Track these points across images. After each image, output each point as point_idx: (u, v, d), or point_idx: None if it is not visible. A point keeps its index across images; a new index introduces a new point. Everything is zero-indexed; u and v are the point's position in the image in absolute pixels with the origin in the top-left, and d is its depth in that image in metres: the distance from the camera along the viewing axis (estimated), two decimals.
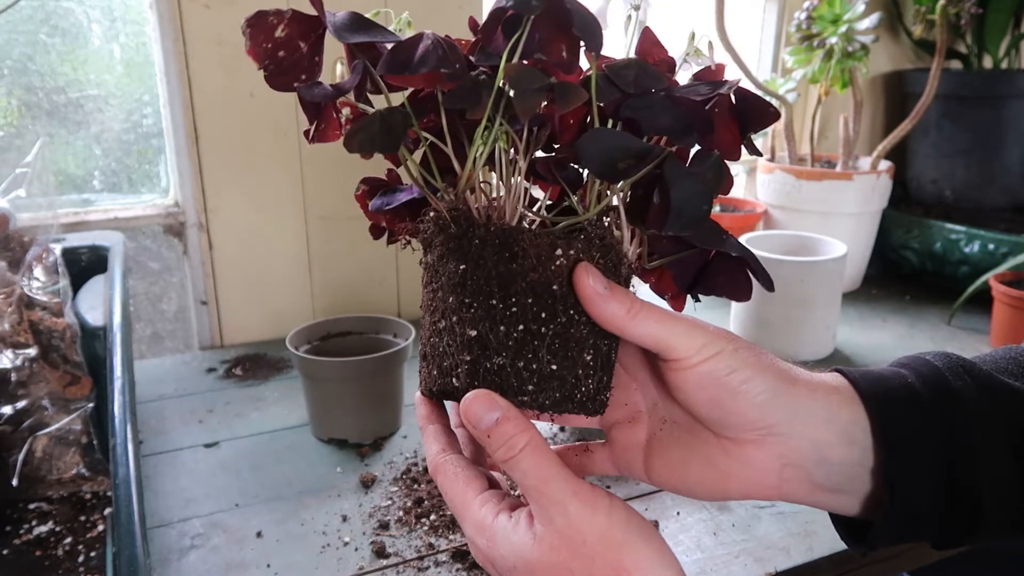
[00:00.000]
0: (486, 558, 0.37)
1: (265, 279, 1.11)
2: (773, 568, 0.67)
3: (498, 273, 0.37)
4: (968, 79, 1.48)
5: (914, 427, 0.37)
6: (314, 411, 0.86)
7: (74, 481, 0.72)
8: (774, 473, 0.38)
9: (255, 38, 0.37)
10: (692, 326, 0.37)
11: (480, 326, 0.37)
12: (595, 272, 0.37)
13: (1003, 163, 1.47)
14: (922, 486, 0.37)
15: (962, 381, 0.38)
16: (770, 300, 1.07)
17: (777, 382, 0.37)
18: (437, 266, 0.39)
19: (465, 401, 0.36)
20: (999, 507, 0.37)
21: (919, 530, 0.39)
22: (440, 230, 0.39)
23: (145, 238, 1.08)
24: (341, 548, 0.69)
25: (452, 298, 0.38)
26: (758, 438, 0.38)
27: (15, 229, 0.76)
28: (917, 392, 0.38)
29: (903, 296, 1.36)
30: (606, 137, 0.35)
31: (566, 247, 0.37)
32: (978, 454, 0.37)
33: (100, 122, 1.02)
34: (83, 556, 0.64)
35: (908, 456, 0.37)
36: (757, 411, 0.37)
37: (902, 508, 0.37)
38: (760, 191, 1.40)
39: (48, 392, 0.71)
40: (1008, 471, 0.37)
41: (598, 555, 0.34)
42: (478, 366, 0.37)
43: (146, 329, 1.13)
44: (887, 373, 0.40)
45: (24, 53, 0.96)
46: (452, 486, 0.38)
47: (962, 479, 0.37)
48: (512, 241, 0.37)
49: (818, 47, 1.28)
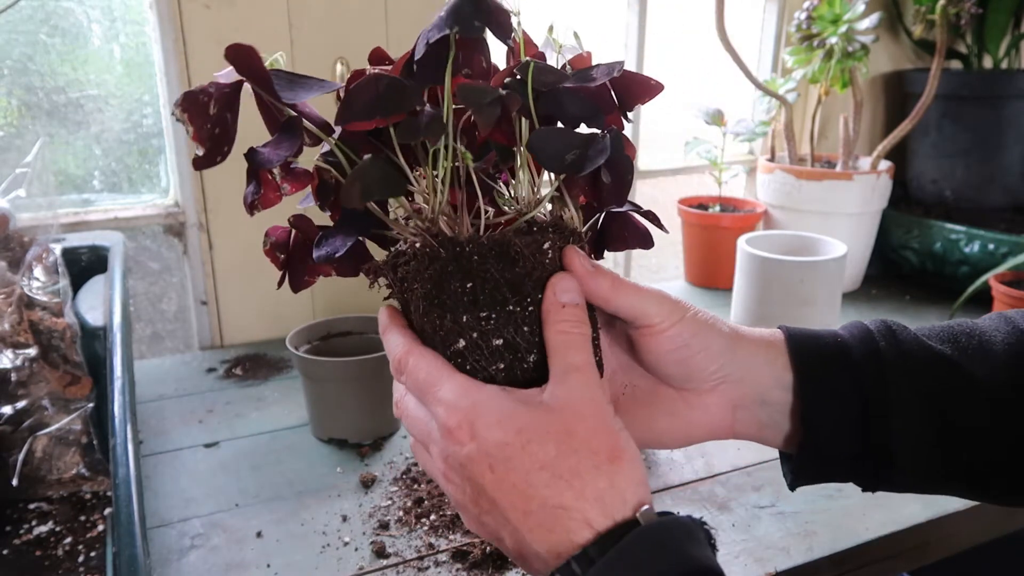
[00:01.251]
0: (461, 415, 0.37)
1: (265, 279, 1.11)
2: (773, 568, 0.67)
3: (506, 280, 0.38)
4: (968, 79, 1.48)
5: (831, 378, 0.43)
6: (314, 411, 0.86)
7: (74, 481, 0.72)
8: (728, 415, 0.45)
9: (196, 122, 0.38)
10: (661, 297, 0.43)
11: (505, 333, 0.39)
12: (581, 253, 0.41)
13: (1003, 163, 1.47)
14: (833, 429, 0.43)
15: (886, 342, 0.43)
16: (770, 300, 1.07)
17: (729, 339, 0.43)
18: (436, 293, 0.39)
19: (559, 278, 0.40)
20: (910, 457, 0.42)
21: (833, 469, 0.44)
22: (430, 260, 0.39)
23: (145, 238, 1.08)
24: (341, 548, 0.69)
25: (467, 317, 0.39)
26: (714, 386, 0.44)
27: (15, 229, 0.76)
28: (845, 349, 0.44)
29: (903, 296, 1.36)
30: (550, 135, 0.39)
31: (549, 241, 0.40)
32: (891, 406, 0.42)
33: (100, 122, 1.02)
34: (83, 556, 0.64)
35: (822, 402, 0.43)
36: (715, 363, 0.43)
37: (814, 448, 0.43)
38: (760, 191, 1.40)
39: (48, 392, 0.71)
40: (920, 424, 0.42)
41: (598, 432, 0.37)
42: (514, 369, 0.39)
43: (146, 329, 1.13)
44: (823, 332, 0.45)
45: (24, 53, 0.96)
46: (428, 362, 0.39)
47: (874, 427, 0.42)
48: (508, 248, 0.38)
49: (818, 47, 1.28)
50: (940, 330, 0.45)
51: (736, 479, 0.80)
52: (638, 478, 0.37)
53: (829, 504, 0.76)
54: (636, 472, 0.37)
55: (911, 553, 0.74)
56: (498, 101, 0.37)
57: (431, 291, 0.39)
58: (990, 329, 0.45)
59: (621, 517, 0.35)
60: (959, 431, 0.42)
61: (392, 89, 0.37)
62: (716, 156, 1.39)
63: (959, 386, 0.42)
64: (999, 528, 0.81)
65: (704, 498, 0.77)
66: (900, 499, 0.76)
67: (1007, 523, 0.82)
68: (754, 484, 0.79)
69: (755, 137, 1.39)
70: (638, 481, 0.37)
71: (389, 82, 0.37)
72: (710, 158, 1.39)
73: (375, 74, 0.38)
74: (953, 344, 0.44)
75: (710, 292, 1.38)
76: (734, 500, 0.77)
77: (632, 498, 0.36)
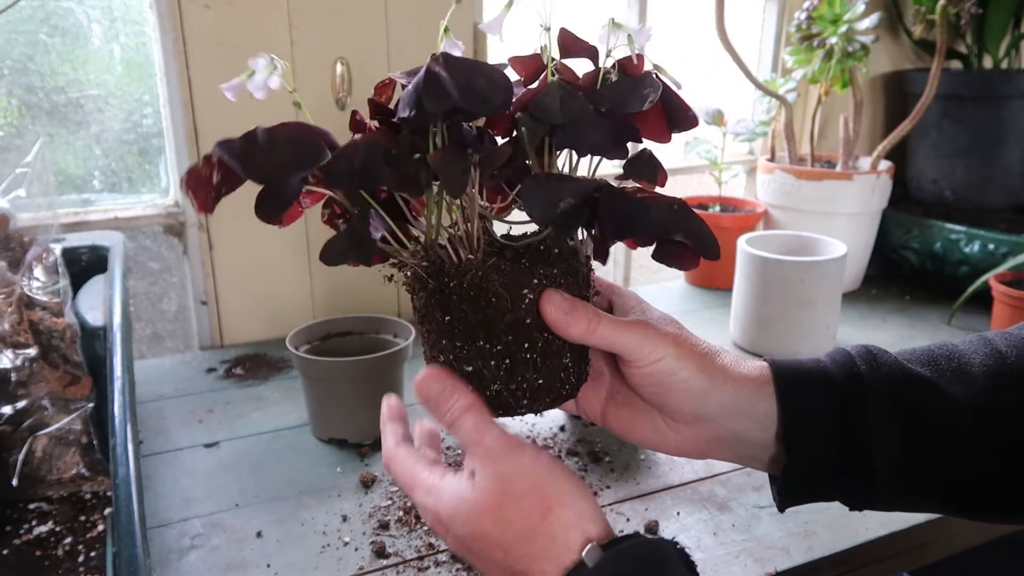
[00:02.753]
0: (434, 514, 0.42)
1: (265, 279, 1.11)
2: (773, 568, 0.67)
3: (478, 321, 0.42)
4: (968, 79, 1.48)
5: (814, 402, 0.44)
6: (314, 411, 0.86)
7: (74, 481, 0.72)
8: (703, 444, 0.46)
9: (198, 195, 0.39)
10: (642, 333, 0.43)
11: (474, 363, 0.43)
12: (556, 299, 0.42)
13: (1003, 163, 1.47)
14: (816, 451, 0.44)
15: (867, 366, 0.44)
16: (770, 300, 1.07)
17: (709, 381, 0.44)
18: (425, 312, 0.44)
19: (419, 378, 0.43)
20: (890, 475, 0.43)
21: (818, 490, 0.46)
22: (420, 286, 0.43)
23: (145, 238, 1.08)
24: (341, 548, 0.69)
25: (445, 340, 0.43)
26: (691, 422, 0.45)
27: (15, 229, 0.76)
28: (827, 375, 0.45)
29: (903, 296, 1.36)
30: (543, 185, 0.39)
31: (532, 282, 0.41)
32: (871, 428, 0.43)
33: (100, 122, 1.02)
34: (83, 556, 0.64)
35: (804, 426, 0.44)
36: (690, 405, 0.44)
37: (798, 470, 0.44)
38: (760, 191, 1.40)
39: (48, 392, 0.71)
40: (899, 444, 0.43)
41: (526, 493, 0.40)
42: (479, 393, 0.43)
43: (146, 329, 1.13)
44: (806, 361, 0.46)
45: (24, 53, 0.96)
46: (403, 465, 0.44)
47: (855, 448, 0.43)
48: (485, 290, 0.41)
49: (818, 47, 1.28)
50: (921, 353, 0.47)
51: (736, 479, 0.80)
52: (576, 517, 0.39)
53: (829, 504, 0.75)
54: (573, 511, 0.40)
55: (911, 553, 0.74)
56: (468, 169, 0.38)
57: (421, 309, 0.44)
58: (969, 351, 0.46)
59: (569, 561, 0.38)
60: (938, 450, 0.43)
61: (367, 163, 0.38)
62: (716, 156, 1.39)
63: (937, 406, 0.43)
64: (999, 528, 0.81)
65: (704, 498, 0.77)
66: None
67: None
68: (754, 484, 0.79)
69: (755, 137, 1.39)
70: (577, 518, 0.39)
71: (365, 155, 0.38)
72: (710, 158, 1.39)
73: (353, 143, 0.39)
74: (932, 367, 0.45)
75: (710, 292, 1.38)
76: (734, 500, 0.77)
77: (575, 540, 0.39)
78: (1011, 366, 0.44)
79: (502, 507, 0.40)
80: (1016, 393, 0.43)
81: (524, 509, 0.39)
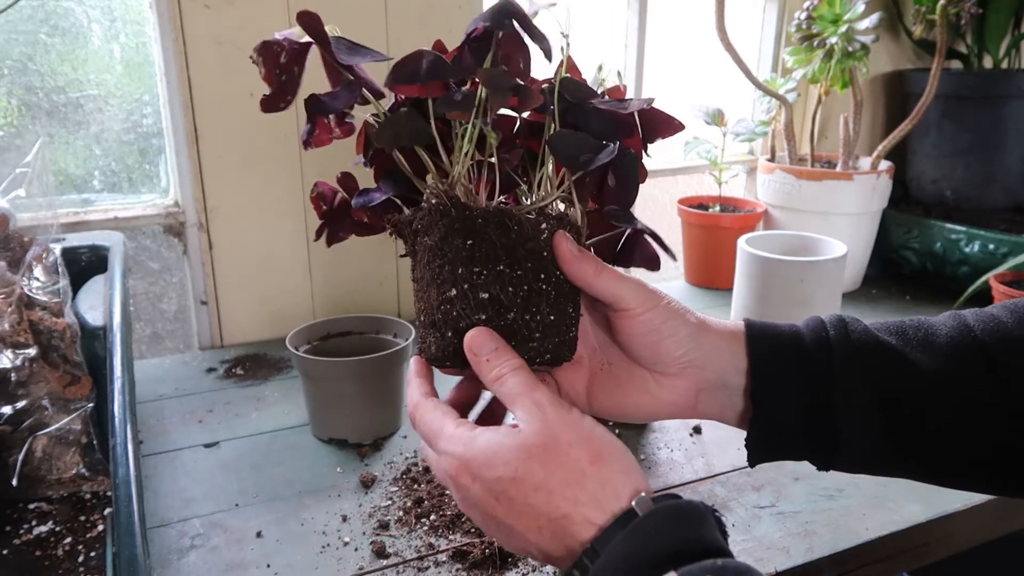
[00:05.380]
0: (459, 462, 0.42)
1: (265, 279, 1.11)
2: (773, 568, 0.67)
3: (502, 244, 0.44)
4: (968, 79, 1.48)
5: (781, 360, 0.47)
6: (314, 411, 0.86)
7: (74, 481, 0.72)
8: (692, 396, 0.49)
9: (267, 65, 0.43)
10: (638, 285, 0.47)
11: (492, 288, 0.44)
12: (570, 238, 0.46)
13: (1003, 163, 1.47)
14: (780, 407, 0.47)
15: (836, 332, 0.47)
16: (770, 300, 1.07)
17: (695, 329, 0.48)
18: (441, 245, 0.45)
19: (470, 335, 0.44)
20: (855, 437, 0.45)
21: (785, 446, 0.48)
22: (441, 215, 0.45)
23: (145, 238, 1.08)
24: (341, 548, 0.69)
25: (462, 269, 0.44)
26: (681, 370, 0.48)
27: (15, 229, 0.76)
28: (798, 337, 0.48)
29: (903, 296, 1.36)
30: (569, 137, 0.45)
31: (542, 226, 0.45)
32: (836, 389, 0.45)
33: (100, 122, 1.02)
34: (83, 556, 0.64)
35: (770, 382, 0.47)
36: (681, 349, 0.47)
37: (764, 424, 0.47)
38: (760, 191, 1.40)
39: (48, 392, 0.71)
40: (863, 407, 0.45)
41: (575, 442, 0.41)
42: (493, 323, 0.44)
43: (146, 329, 1.13)
44: (782, 324, 0.49)
45: (24, 53, 0.96)
46: (431, 415, 0.45)
47: (819, 407, 0.46)
48: (508, 218, 0.44)
49: (818, 47, 1.28)
50: (892, 324, 0.49)
51: (736, 479, 0.80)
52: (625, 468, 0.41)
53: (829, 504, 0.76)
54: (621, 464, 0.41)
55: (911, 553, 0.74)
56: (512, 89, 0.43)
57: (438, 243, 0.45)
58: (938, 324, 0.48)
59: (618, 508, 0.39)
60: (902, 415, 0.45)
61: (434, 63, 0.43)
62: (716, 156, 1.39)
63: (902, 373, 0.46)
64: (999, 528, 0.81)
65: (704, 498, 0.77)
66: (900, 499, 0.76)
67: (1007, 523, 0.82)
68: (754, 484, 0.79)
69: (755, 137, 1.39)
70: (626, 471, 0.41)
71: (433, 58, 0.43)
72: (710, 158, 1.39)
73: (423, 50, 0.43)
74: (900, 336, 0.47)
75: (710, 292, 1.38)
76: (734, 500, 0.77)
77: (625, 489, 0.40)
78: (975, 338, 0.46)
79: (550, 450, 0.40)
80: (977, 363, 0.45)
81: (574, 455, 0.40)
